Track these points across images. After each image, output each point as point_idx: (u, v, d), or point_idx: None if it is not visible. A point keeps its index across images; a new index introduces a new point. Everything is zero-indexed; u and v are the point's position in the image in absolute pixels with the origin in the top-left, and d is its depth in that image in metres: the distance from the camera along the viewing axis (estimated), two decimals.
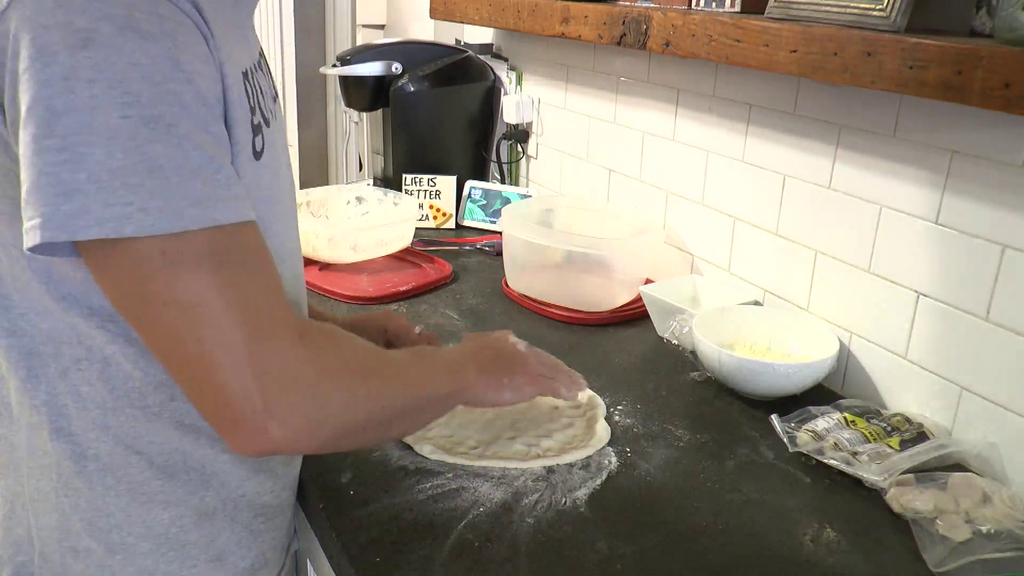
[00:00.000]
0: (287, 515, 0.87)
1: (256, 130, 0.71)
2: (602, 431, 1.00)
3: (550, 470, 0.93)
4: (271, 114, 0.77)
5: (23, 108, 0.58)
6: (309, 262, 1.53)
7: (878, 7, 0.98)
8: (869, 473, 0.91)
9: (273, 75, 2.63)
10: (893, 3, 0.96)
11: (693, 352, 1.17)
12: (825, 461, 0.95)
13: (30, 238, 0.58)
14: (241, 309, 0.63)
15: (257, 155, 0.71)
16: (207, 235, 0.62)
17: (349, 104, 1.86)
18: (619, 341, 1.29)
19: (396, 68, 1.77)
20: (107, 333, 0.69)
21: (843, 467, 0.93)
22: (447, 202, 1.80)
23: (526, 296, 1.40)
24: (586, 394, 1.08)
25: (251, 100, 0.71)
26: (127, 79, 0.58)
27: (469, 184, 1.84)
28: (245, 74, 0.70)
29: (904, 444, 0.96)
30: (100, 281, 0.64)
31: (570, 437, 0.99)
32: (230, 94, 0.66)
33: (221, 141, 0.64)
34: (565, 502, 0.88)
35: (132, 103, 0.58)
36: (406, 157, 1.82)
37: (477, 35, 2.00)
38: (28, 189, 0.58)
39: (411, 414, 0.79)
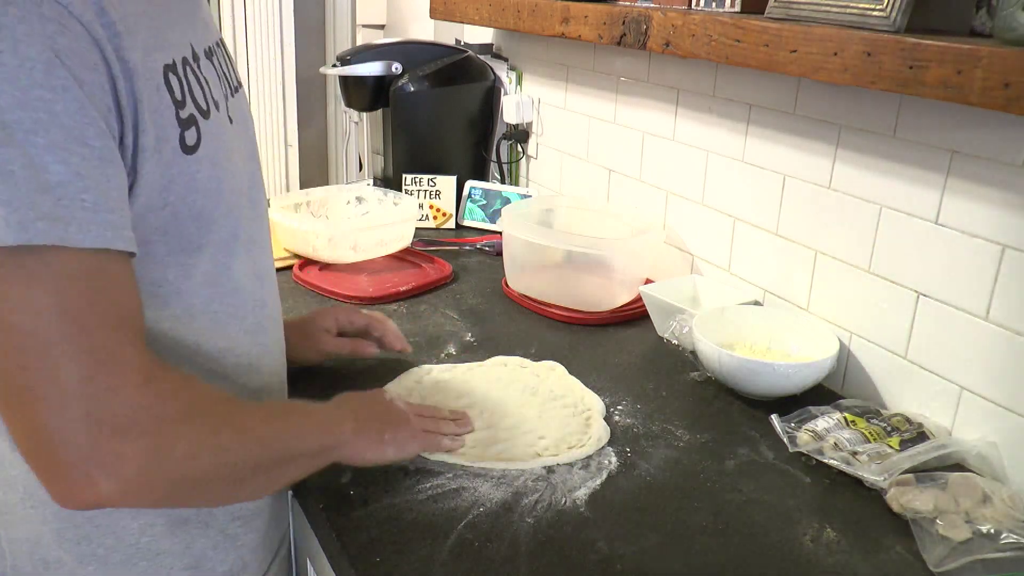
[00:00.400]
0: (265, 517, 0.85)
1: (186, 123, 0.68)
2: (601, 431, 1.00)
3: (550, 470, 0.93)
4: (215, 104, 0.74)
5: None
6: (309, 262, 1.53)
7: (878, 7, 0.98)
8: (869, 473, 0.91)
9: (271, 74, 2.60)
10: (893, 3, 0.96)
11: (693, 352, 1.17)
12: (825, 461, 0.95)
13: None
14: (78, 342, 0.58)
15: (189, 148, 0.68)
16: (55, 254, 0.57)
17: (349, 104, 1.86)
18: (619, 341, 1.29)
19: (396, 68, 1.77)
20: None
21: (843, 467, 0.93)
22: (447, 202, 1.80)
23: (526, 296, 1.40)
24: (586, 394, 1.08)
25: (179, 93, 0.67)
26: None
27: (469, 184, 1.84)
28: (171, 66, 0.67)
29: (904, 444, 0.96)
30: None
31: (568, 436, 0.99)
32: (142, 94, 0.63)
33: (105, 155, 0.60)
34: (565, 502, 0.88)
35: None
36: (406, 157, 1.82)
37: (477, 35, 2.00)
38: None
39: (270, 470, 0.74)
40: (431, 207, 1.80)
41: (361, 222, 1.62)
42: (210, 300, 0.75)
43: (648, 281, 1.40)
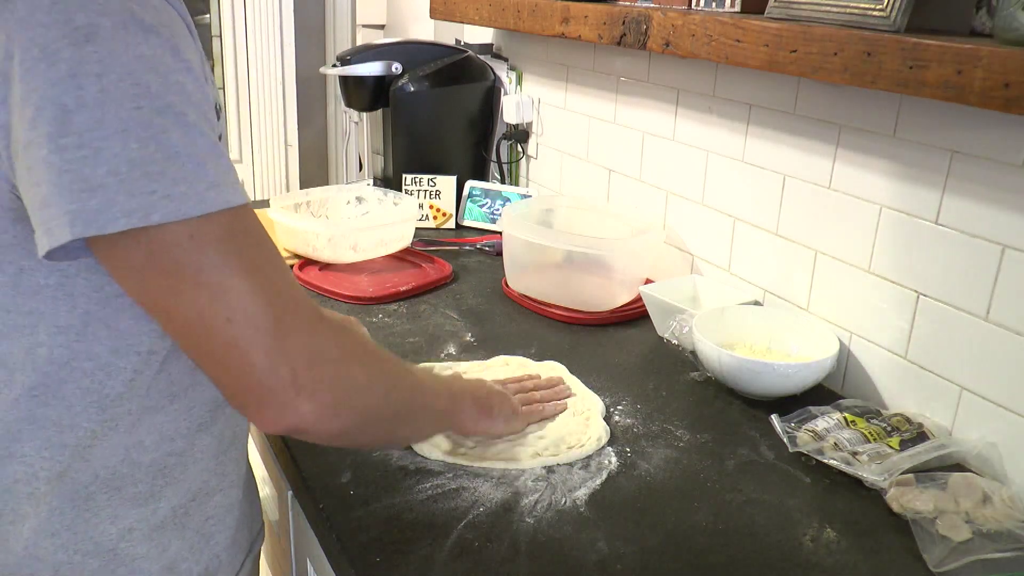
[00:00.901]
0: (236, 514, 0.85)
1: (217, 113, 0.72)
2: (601, 431, 1.00)
3: (550, 470, 0.93)
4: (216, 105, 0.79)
5: (31, 110, 0.58)
6: (309, 262, 1.53)
7: (878, 7, 0.98)
8: (869, 473, 0.91)
9: (271, 74, 2.61)
10: (893, 3, 0.96)
11: (693, 352, 1.17)
12: (825, 461, 0.95)
13: (56, 237, 0.58)
14: (266, 290, 0.64)
15: (219, 138, 0.72)
16: (226, 217, 0.63)
17: (349, 104, 1.86)
18: (619, 341, 1.29)
19: (396, 68, 1.77)
20: (68, 351, 0.69)
21: (843, 467, 0.93)
22: (447, 202, 1.80)
23: (526, 296, 1.40)
24: (587, 394, 1.09)
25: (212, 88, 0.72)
26: (135, 71, 0.59)
27: (469, 184, 1.84)
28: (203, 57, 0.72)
29: (904, 444, 0.96)
30: (122, 276, 0.64)
31: (568, 436, 0.99)
32: (207, 85, 0.68)
33: (216, 129, 0.66)
34: (565, 502, 0.88)
35: (143, 94, 0.59)
36: (406, 157, 1.82)
37: (477, 35, 2.00)
38: (48, 190, 0.58)
39: (415, 417, 0.82)
40: (431, 207, 1.80)
41: (361, 222, 1.62)
42: None
43: (648, 281, 1.40)
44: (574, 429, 1.00)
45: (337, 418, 0.70)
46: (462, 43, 1.97)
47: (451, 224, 1.81)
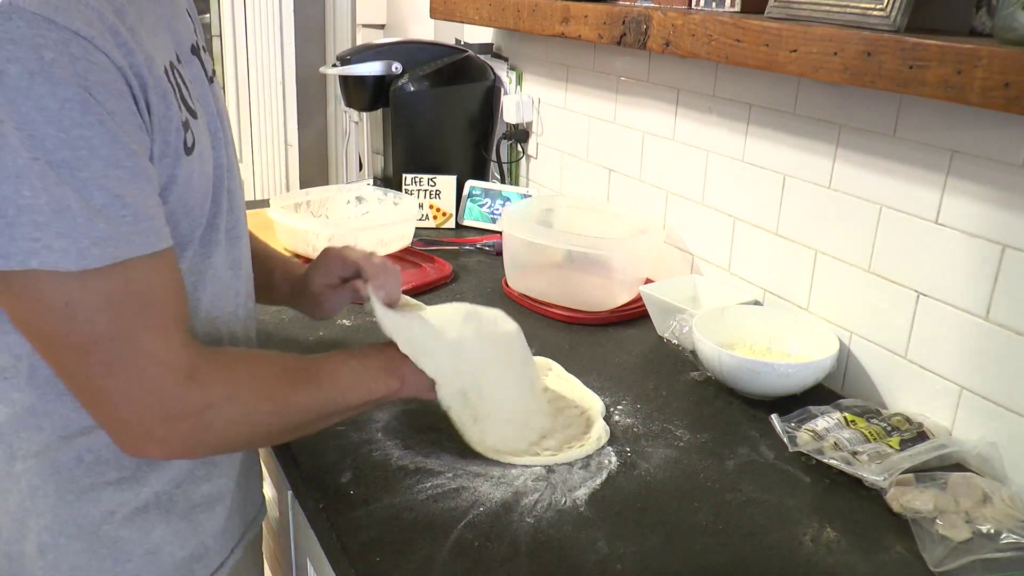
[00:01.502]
0: (227, 503, 0.86)
1: (185, 127, 0.72)
2: (601, 430, 1.00)
3: (550, 470, 0.93)
4: (200, 102, 0.78)
5: None
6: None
7: (878, 7, 0.98)
8: (869, 473, 0.91)
9: (271, 74, 2.59)
10: (893, 3, 0.96)
11: (693, 352, 1.17)
12: (825, 461, 0.95)
13: None
14: (132, 354, 0.67)
15: (188, 151, 0.72)
16: (106, 275, 0.64)
17: (349, 104, 1.86)
18: (619, 341, 1.29)
19: (396, 68, 1.77)
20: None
21: (843, 467, 0.93)
22: (447, 202, 1.80)
23: (526, 296, 1.40)
24: (585, 393, 1.08)
25: (175, 98, 0.71)
26: (33, 123, 0.60)
27: (469, 184, 1.84)
28: (166, 71, 0.71)
29: (904, 444, 0.96)
30: (6, 306, 0.67)
31: (568, 437, 0.99)
32: (154, 104, 0.68)
33: (137, 171, 0.65)
34: (565, 502, 0.88)
35: (38, 147, 0.60)
36: (406, 157, 1.82)
37: (477, 35, 2.00)
38: None
39: (315, 424, 0.82)
40: (431, 207, 1.80)
41: (361, 222, 1.62)
42: (193, 290, 0.78)
43: (648, 281, 1.40)
44: (574, 429, 1.00)
45: (193, 455, 0.79)
46: (462, 43, 1.97)
47: (451, 224, 1.81)
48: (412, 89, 1.76)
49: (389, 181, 1.87)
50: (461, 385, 0.91)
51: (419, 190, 1.80)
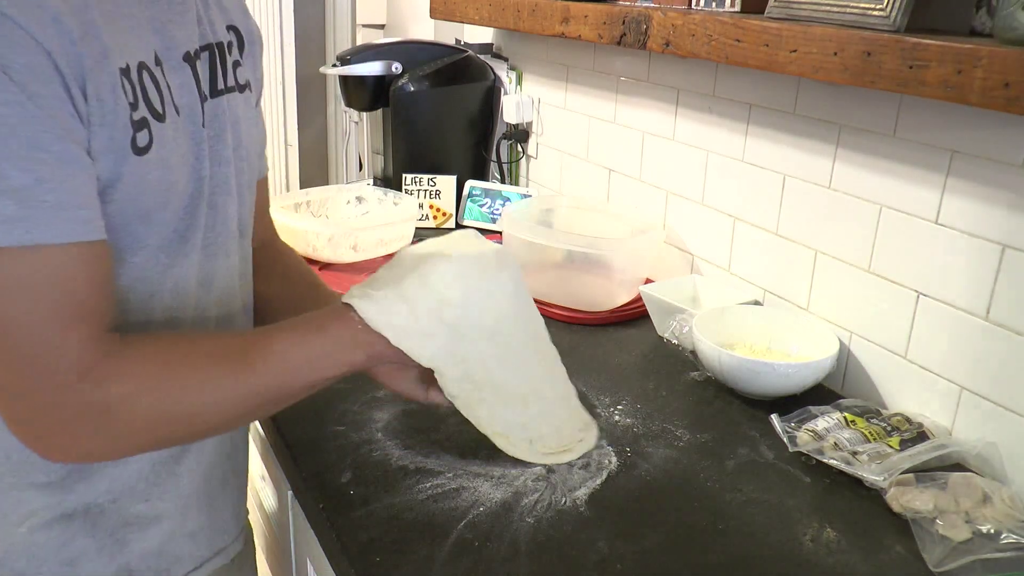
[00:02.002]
0: (165, 527, 0.82)
1: (139, 125, 0.69)
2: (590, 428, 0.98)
3: (550, 470, 0.93)
4: (176, 108, 0.75)
5: None
6: (309, 262, 1.53)
7: (878, 7, 0.98)
8: (869, 473, 0.91)
9: (271, 74, 2.59)
10: (893, 3, 0.96)
11: (693, 352, 1.17)
12: (825, 461, 0.95)
13: None
14: (26, 343, 0.64)
15: (140, 150, 0.69)
16: (13, 254, 0.62)
17: (349, 104, 1.86)
18: (619, 341, 1.29)
19: (396, 68, 1.77)
20: None
21: (843, 467, 0.93)
22: (447, 202, 1.80)
23: None
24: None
25: (133, 95, 0.69)
26: None
27: (469, 184, 1.84)
28: (125, 70, 0.68)
29: (904, 444, 0.96)
30: None
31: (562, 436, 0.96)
32: (98, 99, 0.65)
33: (66, 157, 0.63)
34: (565, 502, 0.88)
35: None
36: (406, 157, 1.82)
37: (477, 35, 2.00)
38: None
39: (283, 401, 0.76)
40: (431, 207, 1.80)
41: (361, 222, 1.62)
42: (148, 298, 0.76)
43: (648, 281, 1.40)
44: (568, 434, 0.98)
45: (114, 456, 0.74)
46: (462, 43, 1.97)
47: (451, 224, 1.81)
48: (412, 89, 1.76)
49: (389, 181, 1.87)
50: (465, 369, 0.83)
51: (419, 190, 1.80)
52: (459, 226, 1.82)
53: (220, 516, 0.90)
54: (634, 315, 1.37)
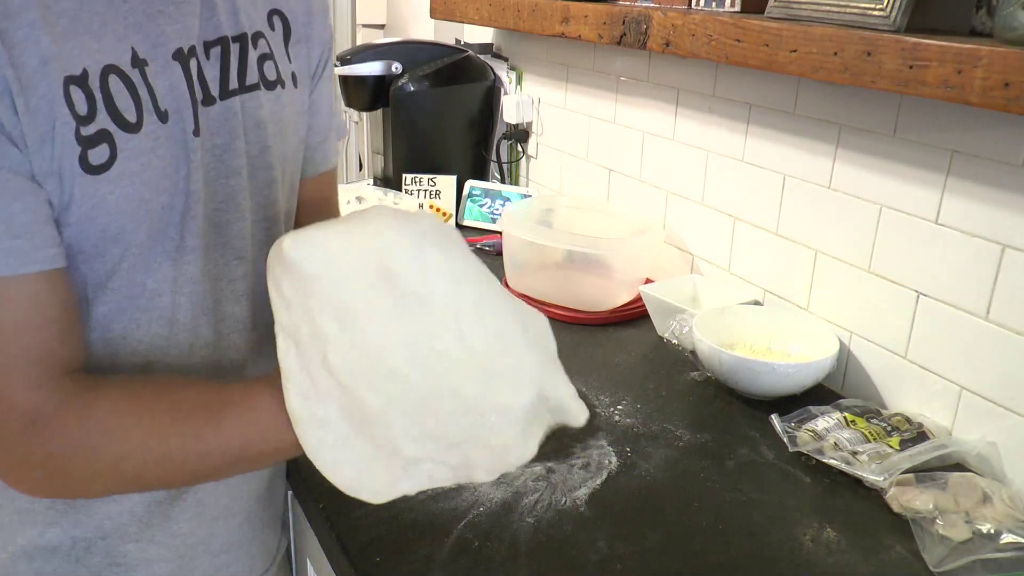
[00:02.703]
0: (154, 570, 0.78)
1: (92, 141, 0.62)
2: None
3: (550, 470, 0.93)
4: (160, 115, 0.66)
5: None
6: None
7: (878, 7, 0.98)
8: (869, 473, 0.91)
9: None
10: (893, 3, 0.96)
11: (693, 352, 1.17)
12: (825, 461, 0.95)
13: None
14: None
15: (95, 168, 0.62)
16: None
17: (349, 104, 1.86)
18: (619, 341, 1.29)
19: (396, 68, 1.77)
20: None
21: (843, 467, 0.93)
22: (447, 202, 1.80)
23: (526, 296, 1.40)
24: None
25: (88, 106, 0.61)
26: None
27: (469, 184, 1.84)
28: (75, 78, 0.61)
29: (904, 444, 0.96)
30: None
31: None
32: (33, 115, 0.59)
33: (1, 184, 0.58)
34: (565, 502, 0.88)
35: None
36: (406, 157, 1.82)
37: (477, 35, 2.00)
38: None
39: (237, 466, 0.66)
40: (431, 207, 1.80)
41: None
42: (134, 328, 0.70)
43: (648, 281, 1.40)
44: None
45: (74, 497, 0.71)
46: (462, 43, 1.97)
47: (451, 224, 1.81)
48: (412, 89, 1.76)
49: (389, 181, 1.87)
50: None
51: (419, 190, 1.80)
52: (459, 227, 1.82)
53: (241, 562, 0.85)
54: (634, 315, 1.37)
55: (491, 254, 1.64)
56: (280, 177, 0.79)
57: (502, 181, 1.94)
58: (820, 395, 1.13)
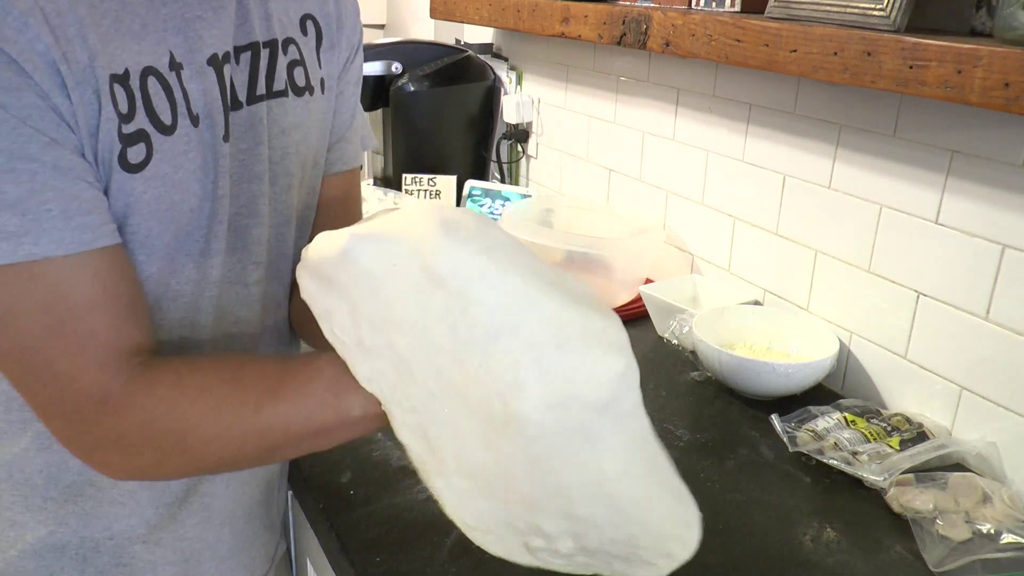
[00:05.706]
0: (160, 573, 0.78)
1: (131, 139, 0.63)
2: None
3: None
4: (192, 119, 0.67)
5: None
6: None
7: (878, 7, 0.98)
8: (869, 473, 0.91)
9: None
10: (893, 3, 0.96)
11: (693, 352, 1.17)
12: (825, 461, 0.95)
13: None
14: (42, 371, 0.60)
15: (133, 167, 0.63)
16: (20, 272, 0.57)
17: None
18: None
19: (396, 68, 1.77)
20: None
21: (843, 467, 0.93)
22: (447, 202, 1.80)
23: None
24: None
25: (128, 105, 0.63)
26: None
27: (469, 184, 1.84)
28: (119, 76, 0.62)
29: (904, 444, 0.96)
30: None
31: None
32: (81, 105, 0.60)
33: (60, 164, 0.59)
34: None
35: None
36: (406, 157, 1.82)
37: (477, 35, 2.00)
38: None
39: (306, 441, 0.64)
40: None
41: None
42: (156, 329, 0.70)
43: (648, 281, 1.40)
44: None
45: (149, 479, 0.72)
46: (462, 43, 1.97)
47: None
48: (412, 89, 1.76)
49: (389, 181, 1.87)
50: (416, 418, 0.60)
51: (419, 190, 1.79)
52: None
53: (244, 567, 0.86)
54: (634, 315, 1.37)
55: None
56: (298, 183, 0.80)
57: (502, 181, 1.94)
58: (820, 395, 1.13)
